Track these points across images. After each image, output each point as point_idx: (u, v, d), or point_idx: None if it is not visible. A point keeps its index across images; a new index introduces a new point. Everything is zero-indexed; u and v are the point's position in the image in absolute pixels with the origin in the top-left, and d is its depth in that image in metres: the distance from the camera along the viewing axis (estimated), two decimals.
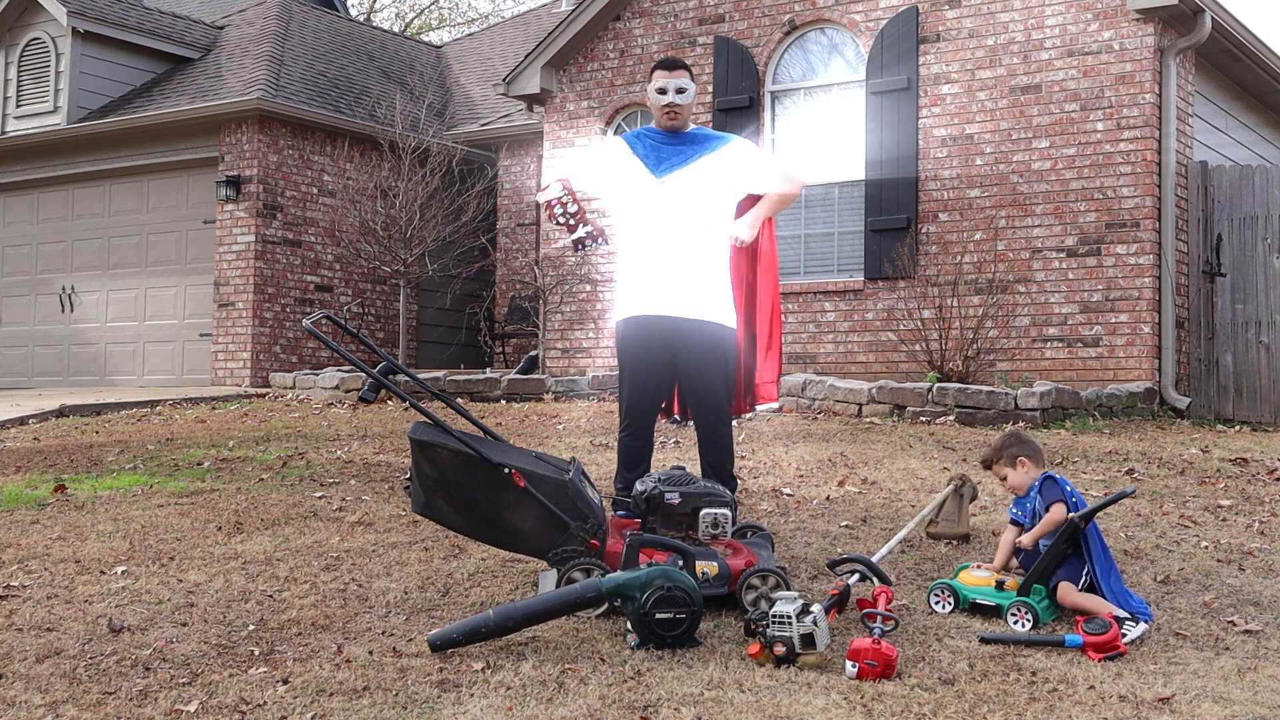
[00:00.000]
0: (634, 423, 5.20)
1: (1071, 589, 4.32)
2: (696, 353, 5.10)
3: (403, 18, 33.29)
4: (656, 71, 5.27)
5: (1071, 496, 4.46)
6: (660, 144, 5.27)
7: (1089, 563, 4.33)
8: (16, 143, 15.70)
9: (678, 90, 5.21)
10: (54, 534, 5.66)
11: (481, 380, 11.64)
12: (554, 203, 5.21)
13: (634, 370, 5.18)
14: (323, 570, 4.96)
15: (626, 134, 5.43)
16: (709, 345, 5.10)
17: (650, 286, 5.14)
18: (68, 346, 15.70)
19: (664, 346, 5.14)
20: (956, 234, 11.13)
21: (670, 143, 5.26)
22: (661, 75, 5.24)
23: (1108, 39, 10.68)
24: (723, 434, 5.21)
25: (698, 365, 5.10)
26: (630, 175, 5.26)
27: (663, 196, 5.17)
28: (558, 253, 13.03)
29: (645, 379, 5.18)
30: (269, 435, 9.06)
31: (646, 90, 5.35)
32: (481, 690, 3.62)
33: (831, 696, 3.55)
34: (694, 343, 5.09)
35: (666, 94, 5.21)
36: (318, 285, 14.77)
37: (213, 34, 17.10)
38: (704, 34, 12.56)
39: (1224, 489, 6.70)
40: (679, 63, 5.30)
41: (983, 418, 9.18)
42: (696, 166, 5.19)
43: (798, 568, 4.98)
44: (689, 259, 5.12)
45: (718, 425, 5.18)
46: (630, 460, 5.22)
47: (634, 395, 5.18)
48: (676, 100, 5.21)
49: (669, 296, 5.10)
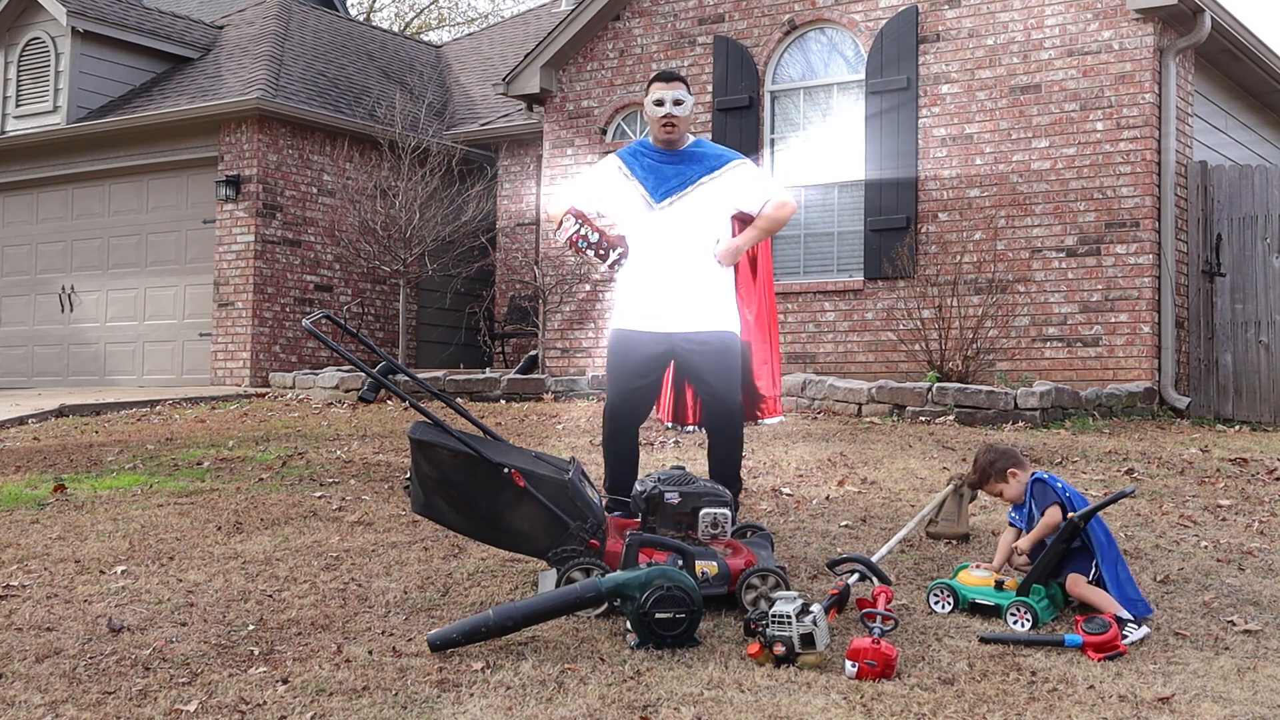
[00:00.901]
0: (615, 430, 5.18)
1: (1081, 580, 4.32)
2: (700, 357, 5.08)
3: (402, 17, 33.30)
4: (654, 84, 5.24)
5: (1064, 493, 4.46)
6: (658, 163, 5.22)
7: (1096, 558, 4.33)
8: (16, 142, 15.70)
9: (675, 102, 5.17)
10: (54, 534, 5.66)
11: (481, 380, 11.64)
12: (574, 238, 5.15)
13: (618, 380, 5.16)
14: (322, 570, 4.96)
15: (622, 151, 5.36)
16: (714, 350, 5.08)
17: (650, 303, 5.13)
18: (67, 346, 15.70)
19: (654, 360, 5.12)
20: (956, 234, 11.13)
21: (669, 161, 5.22)
22: (659, 87, 5.21)
23: (1107, 39, 10.68)
24: (731, 435, 5.17)
25: (705, 369, 5.09)
26: (628, 200, 5.22)
27: (662, 222, 5.15)
28: (558, 253, 13.03)
29: (629, 390, 5.13)
30: (269, 435, 9.06)
31: (644, 103, 5.30)
32: (481, 690, 3.62)
33: (831, 696, 3.55)
34: (698, 350, 5.08)
35: (664, 105, 5.18)
36: (317, 285, 14.76)
37: (212, 34, 17.10)
38: (704, 34, 12.56)
39: (1223, 489, 6.70)
40: (676, 75, 5.28)
41: (982, 417, 9.18)
42: (696, 191, 5.17)
43: (797, 567, 4.98)
44: (689, 279, 5.13)
45: (726, 428, 5.16)
46: (616, 462, 5.21)
47: (615, 405, 5.15)
48: (674, 112, 5.18)
49: (669, 313, 5.10)
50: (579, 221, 5.17)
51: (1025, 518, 4.54)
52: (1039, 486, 4.50)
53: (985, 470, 4.62)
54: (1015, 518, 4.62)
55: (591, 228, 5.16)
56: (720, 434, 5.17)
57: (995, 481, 4.60)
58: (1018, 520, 4.60)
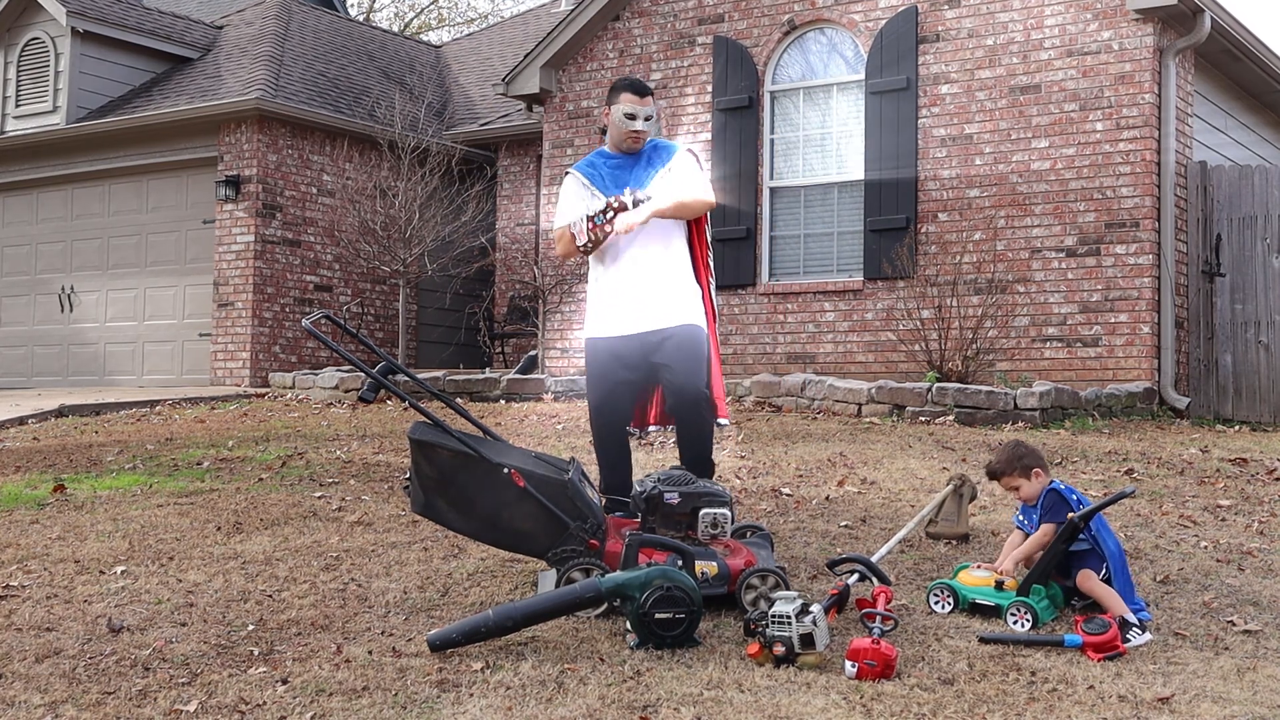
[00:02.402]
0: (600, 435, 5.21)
1: (1092, 575, 4.32)
2: (672, 350, 5.05)
3: (402, 18, 33.30)
4: (626, 94, 5.20)
5: (1079, 506, 4.45)
6: (614, 168, 5.26)
7: (1107, 562, 4.33)
8: (16, 143, 15.70)
9: (646, 118, 5.20)
10: (53, 534, 5.66)
11: (481, 380, 11.64)
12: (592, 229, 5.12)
13: (594, 386, 5.17)
14: (322, 570, 4.96)
15: (578, 165, 5.38)
16: (680, 341, 5.06)
17: (619, 308, 5.14)
18: (67, 346, 15.70)
19: (629, 365, 5.12)
20: (956, 234, 11.13)
21: (623, 166, 5.25)
22: (632, 100, 5.18)
23: (1107, 39, 10.68)
24: (700, 423, 5.12)
25: (673, 360, 5.04)
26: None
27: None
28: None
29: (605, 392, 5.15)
30: (268, 435, 9.06)
31: (609, 110, 5.25)
32: (481, 690, 3.62)
33: (831, 696, 3.55)
34: (669, 344, 5.06)
35: (636, 120, 5.18)
36: (317, 285, 14.76)
37: (212, 34, 17.09)
38: (703, 34, 12.56)
39: (1223, 489, 6.70)
40: (648, 89, 5.27)
41: (982, 418, 9.18)
42: (652, 189, 5.16)
43: (797, 567, 4.98)
44: (655, 278, 5.13)
45: (694, 416, 5.09)
46: (607, 463, 5.23)
47: (596, 409, 5.18)
48: (644, 128, 5.21)
49: (639, 315, 5.10)
50: (589, 222, 5.16)
51: (1034, 523, 4.53)
52: (1053, 497, 4.48)
53: (1012, 462, 4.60)
54: (1022, 521, 4.62)
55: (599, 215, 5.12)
56: (689, 423, 5.11)
57: (1017, 476, 4.58)
58: (1024, 524, 4.59)
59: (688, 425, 5.14)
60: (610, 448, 5.22)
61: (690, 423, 5.13)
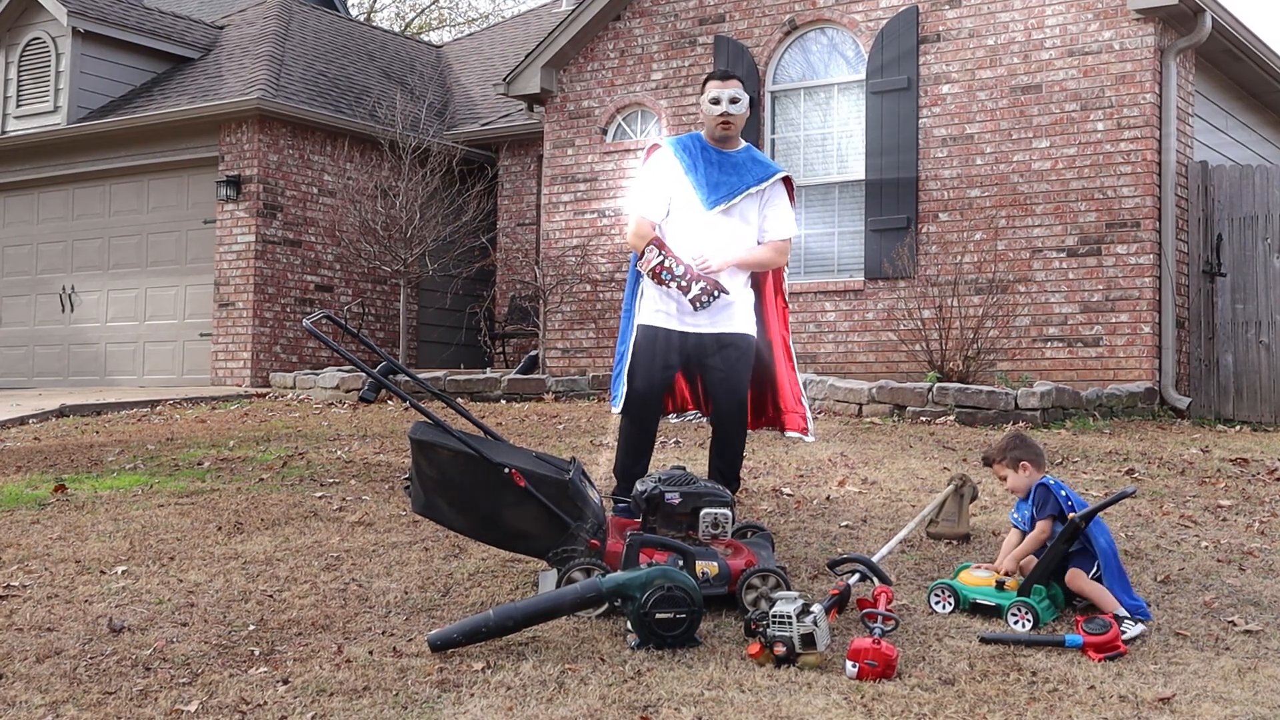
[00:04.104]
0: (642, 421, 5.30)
1: (1081, 574, 4.33)
2: (724, 357, 5.23)
3: (403, 18, 33.30)
4: (710, 82, 5.38)
5: (1067, 501, 4.45)
6: (712, 165, 5.32)
7: (1098, 560, 4.34)
8: (16, 143, 15.70)
9: (732, 100, 5.31)
10: (54, 534, 5.66)
11: (481, 380, 11.64)
12: (658, 269, 5.17)
13: (645, 375, 5.24)
14: (323, 570, 4.96)
15: (674, 141, 5.45)
16: (741, 352, 5.25)
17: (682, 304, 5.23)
18: (68, 346, 15.70)
19: (681, 359, 5.27)
20: (956, 234, 11.13)
21: (722, 165, 5.33)
22: (716, 85, 5.34)
23: (1108, 39, 10.68)
24: (739, 436, 5.37)
25: (729, 369, 5.23)
26: (682, 200, 5.31)
27: (707, 226, 5.26)
28: (558, 253, 13.04)
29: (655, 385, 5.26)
30: (269, 435, 9.06)
31: (700, 102, 5.43)
32: (481, 690, 3.62)
33: (831, 696, 3.55)
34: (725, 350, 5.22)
35: (720, 104, 5.31)
36: (318, 285, 14.76)
37: (213, 34, 17.10)
38: (704, 34, 12.56)
39: (1224, 489, 6.70)
40: (732, 73, 5.42)
41: (983, 418, 9.18)
42: (743, 201, 5.29)
43: (798, 568, 4.98)
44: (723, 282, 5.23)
45: (736, 428, 5.33)
46: (638, 448, 5.32)
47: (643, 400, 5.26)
48: (731, 110, 5.31)
49: (699, 315, 5.22)
50: (661, 252, 5.18)
51: (1026, 519, 4.56)
52: (1041, 492, 4.50)
53: (1003, 451, 4.67)
54: (1017, 519, 4.64)
55: (675, 259, 5.17)
56: (729, 433, 5.33)
57: (1005, 465, 4.64)
58: (1020, 523, 4.61)
59: (729, 436, 5.35)
60: (642, 435, 5.33)
61: (732, 434, 5.34)
